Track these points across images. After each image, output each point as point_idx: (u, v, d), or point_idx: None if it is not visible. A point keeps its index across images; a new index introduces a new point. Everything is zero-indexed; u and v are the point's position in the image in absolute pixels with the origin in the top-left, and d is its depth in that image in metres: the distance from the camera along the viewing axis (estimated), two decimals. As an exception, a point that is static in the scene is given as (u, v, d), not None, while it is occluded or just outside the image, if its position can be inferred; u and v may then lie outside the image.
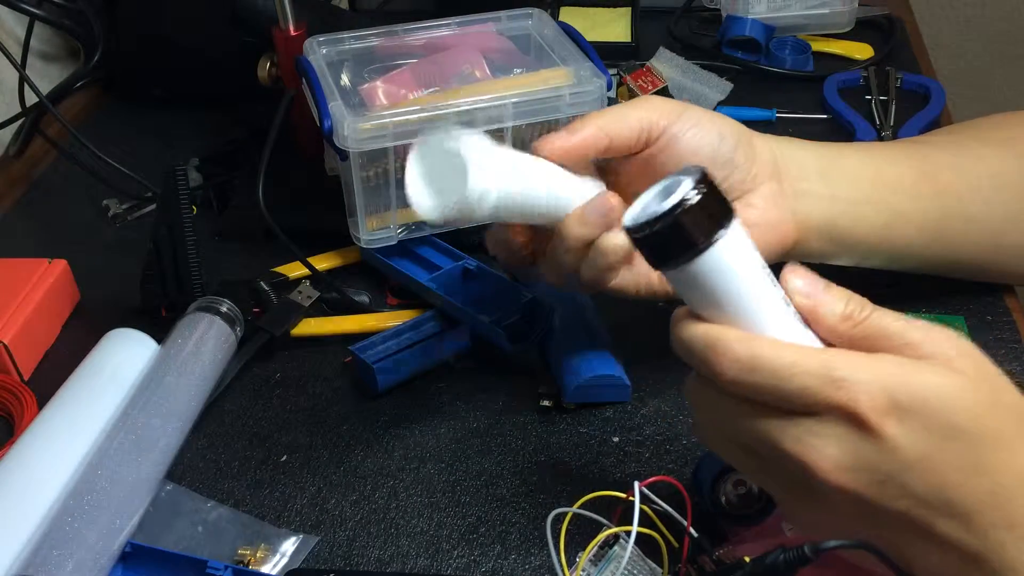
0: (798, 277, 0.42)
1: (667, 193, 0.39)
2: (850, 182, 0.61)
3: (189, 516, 0.57)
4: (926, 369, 0.39)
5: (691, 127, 0.56)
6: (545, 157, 0.55)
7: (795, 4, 1.03)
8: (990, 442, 0.38)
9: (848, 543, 0.39)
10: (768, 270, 0.41)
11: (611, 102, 0.89)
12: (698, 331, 0.41)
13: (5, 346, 0.65)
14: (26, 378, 0.67)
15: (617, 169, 0.59)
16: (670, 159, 0.56)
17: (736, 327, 0.40)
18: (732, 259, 0.39)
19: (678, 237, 0.38)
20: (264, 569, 0.54)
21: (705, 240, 0.38)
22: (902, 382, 0.38)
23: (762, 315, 0.40)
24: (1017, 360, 0.64)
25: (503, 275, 0.68)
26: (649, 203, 0.40)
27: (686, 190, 0.38)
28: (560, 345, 0.65)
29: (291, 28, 0.79)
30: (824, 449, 0.39)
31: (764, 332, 0.40)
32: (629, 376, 0.63)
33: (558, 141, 0.55)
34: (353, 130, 0.64)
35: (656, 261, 0.40)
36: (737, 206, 0.55)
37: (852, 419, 0.38)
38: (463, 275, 0.70)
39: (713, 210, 0.38)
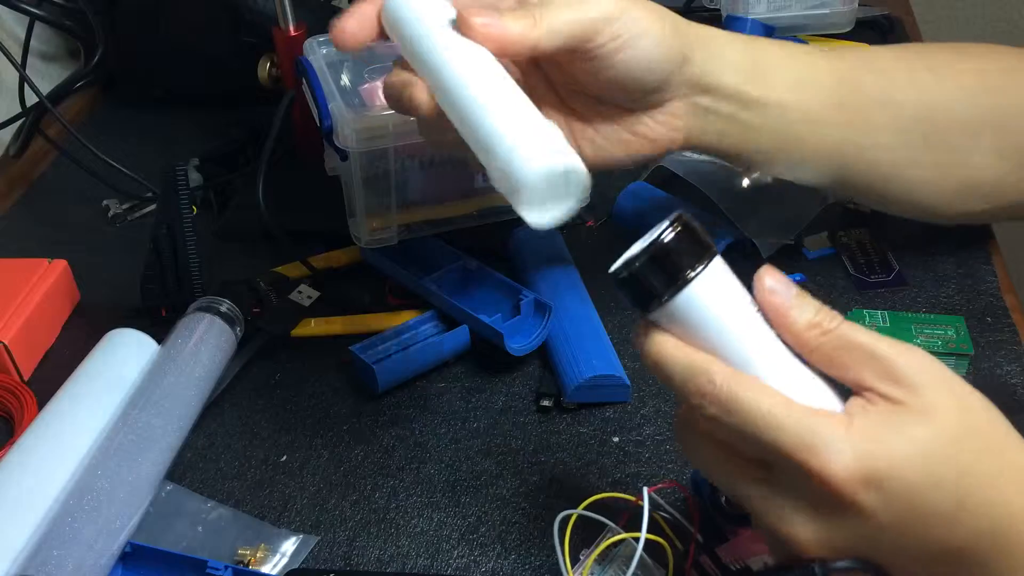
0: (772, 278, 0.41)
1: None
2: (759, 106, 0.57)
3: (189, 516, 0.57)
4: (901, 428, 0.38)
5: (632, 42, 0.51)
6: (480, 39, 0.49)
7: (795, 4, 1.03)
8: (972, 481, 0.38)
9: (857, 565, 0.39)
10: (756, 306, 0.41)
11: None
12: (679, 356, 0.40)
13: (5, 346, 0.65)
14: (26, 378, 0.67)
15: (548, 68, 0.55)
16: (600, 71, 0.52)
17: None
18: (714, 295, 0.40)
19: (657, 274, 0.39)
20: (264, 569, 0.54)
21: (684, 276, 0.39)
22: (877, 452, 0.37)
23: (747, 352, 0.40)
24: (1017, 361, 0.64)
25: (503, 275, 0.68)
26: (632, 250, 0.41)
27: (663, 229, 0.39)
28: (560, 345, 0.65)
29: (291, 28, 0.79)
30: (802, 524, 0.38)
31: (748, 370, 0.40)
32: (629, 376, 0.63)
33: (494, 31, 0.48)
34: (353, 130, 0.64)
35: (639, 301, 0.41)
36: (655, 115, 0.55)
37: (825, 490, 0.37)
38: (463, 275, 0.70)
39: (691, 247, 0.40)
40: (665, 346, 0.41)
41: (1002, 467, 0.39)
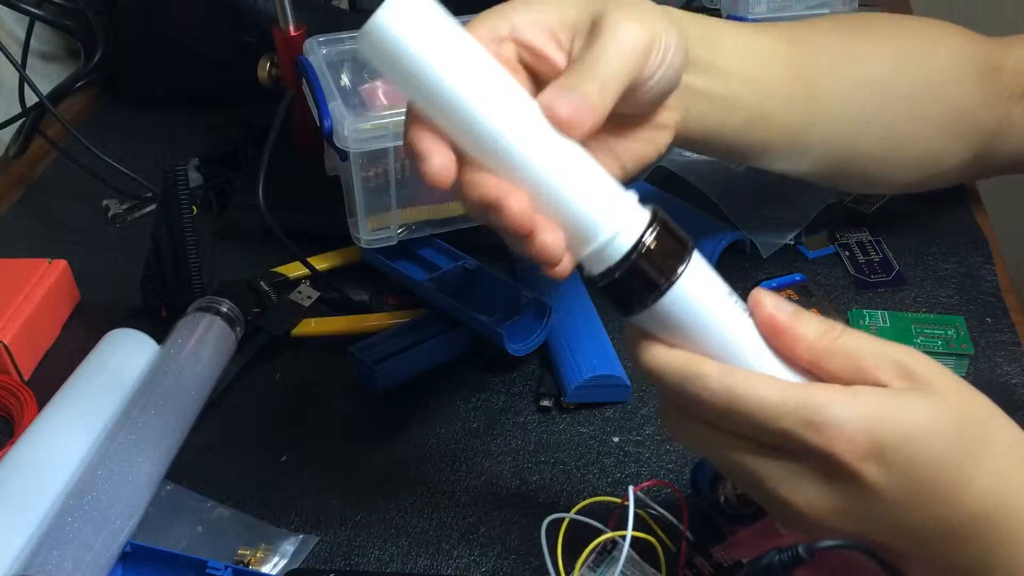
0: (771, 298, 0.41)
1: None
2: (726, 78, 0.56)
3: (189, 516, 0.57)
4: (907, 400, 0.38)
5: (667, 59, 0.47)
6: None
7: (795, 4, 1.03)
8: (973, 462, 0.38)
9: (843, 544, 0.39)
10: (735, 296, 0.40)
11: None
12: (672, 363, 0.40)
13: (5, 346, 0.65)
14: (26, 378, 0.67)
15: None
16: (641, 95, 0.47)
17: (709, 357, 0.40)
18: (697, 293, 0.39)
19: (640, 279, 0.38)
20: (264, 569, 0.54)
21: (667, 278, 0.38)
22: (882, 421, 0.37)
23: (735, 345, 0.40)
24: (1017, 361, 0.64)
25: (503, 275, 0.68)
26: None
27: (640, 232, 0.38)
28: (560, 345, 0.65)
29: (291, 28, 0.79)
30: (806, 494, 0.38)
31: (739, 362, 0.40)
32: (629, 376, 0.63)
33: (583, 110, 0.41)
34: (353, 130, 0.64)
35: (622, 306, 0.40)
36: (657, 113, 0.51)
37: (832, 464, 0.38)
38: (463, 275, 0.70)
39: (671, 246, 0.39)
40: (657, 356, 0.40)
41: (999, 449, 0.39)
